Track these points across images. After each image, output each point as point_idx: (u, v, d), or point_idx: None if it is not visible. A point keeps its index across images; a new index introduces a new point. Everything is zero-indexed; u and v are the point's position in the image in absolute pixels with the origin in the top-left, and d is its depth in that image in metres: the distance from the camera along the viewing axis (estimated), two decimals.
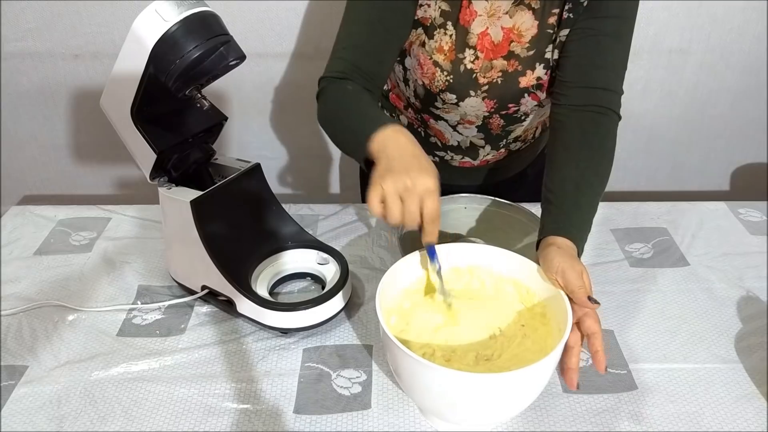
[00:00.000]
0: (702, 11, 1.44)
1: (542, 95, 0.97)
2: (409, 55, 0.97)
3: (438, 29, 0.92)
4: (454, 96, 0.97)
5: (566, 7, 0.88)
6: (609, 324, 0.88)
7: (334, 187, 1.72)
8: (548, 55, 0.93)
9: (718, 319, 0.89)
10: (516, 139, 1.09)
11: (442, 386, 0.62)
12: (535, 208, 0.89)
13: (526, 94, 0.97)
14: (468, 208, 1.00)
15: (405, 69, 1.00)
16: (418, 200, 0.68)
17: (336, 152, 1.64)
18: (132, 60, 0.74)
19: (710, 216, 1.12)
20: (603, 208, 1.14)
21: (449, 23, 0.91)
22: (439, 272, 0.75)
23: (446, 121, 1.04)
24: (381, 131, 0.73)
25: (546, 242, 0.76)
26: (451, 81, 0.95)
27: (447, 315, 0.76)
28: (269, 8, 1.41)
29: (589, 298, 0.69)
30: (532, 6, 0.89)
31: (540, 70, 0.94)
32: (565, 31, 0.90)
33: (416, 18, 0.92)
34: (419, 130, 1.11)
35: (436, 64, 0.94)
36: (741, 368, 0.80)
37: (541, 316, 0.74)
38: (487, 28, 0.91)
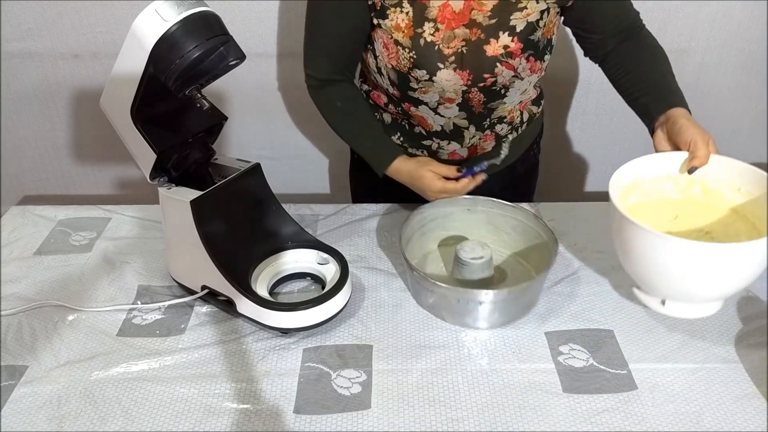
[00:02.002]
0: (701, 11, 1.44)
1: (516, 63, 0.98)
2: (375, 41, 0.99)
3: (391, 9, 0.94)
4: (425, 71, 0.98)
5: None
6: (609, 324, 0.88)
7: (334, 187, 1.72)
8: (514, 23, 0.94)
9: (718, 319, 0.88)
10: (501, 120, 1.09)
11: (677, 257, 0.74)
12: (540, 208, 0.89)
13: (498, 63, 0.97)
14: (471, 210, 1.02)
15: (376, 57, 1.02)
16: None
17: (335, 152, 1.64)
18: (132, 60, 0.74)
19: None
20: (603, 207, 1.13)
21: (405, 1, 0.93)
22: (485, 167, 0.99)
23: (426, 104, 1.04)
24: (389, 168, 1.04)
25: (667, 117, 0.91)
26: (415, 57, 0.96)
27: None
28: (269, 8, 1.41)
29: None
30: None
31: (505, 38, 0.95)
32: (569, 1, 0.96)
33: (369, 3, 0.95)
34: (403, 123, 1.12)
35: (396, 42, 0.96)
36: (741, 368, 0.80)
37: (743, 218, 0.86)
38: None
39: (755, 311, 0.90)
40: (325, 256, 0.94)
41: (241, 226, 0.93)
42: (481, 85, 1.00)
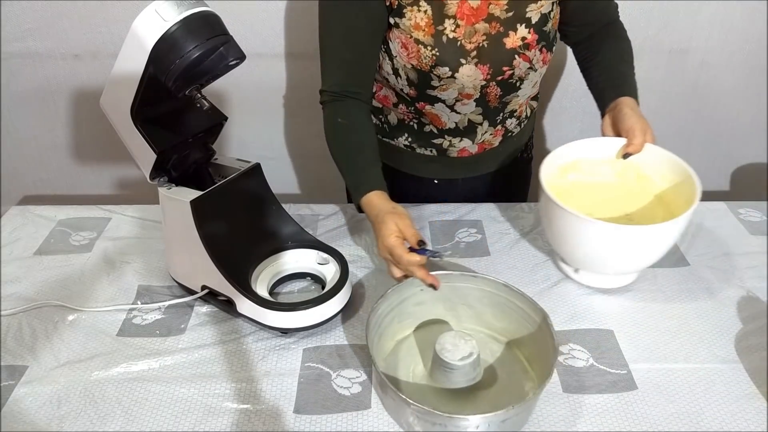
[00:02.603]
0: (702, 11, 1.44)
1: (532, 55, 1.00)
2: (391, 41, 0.99)
3: (407, 8, 0.94)
4: (447, 68, 0.98)
5: None
6: (609, 324, 0.88)
7: (334, 187, 1.72)
8: (529, 15, 0.96)
9: (718, 319, 0.89)
10: (511, 114, 1.10)
11: (593, 238, 0.85)
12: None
13: (516, 56, 0.99)
14: (424, 289, 0.84)
15: (392, 59, 1.01)
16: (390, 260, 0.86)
17: None
18: (132, 60, 0.74)
19: (710, 216, 1.12)
20: None
21: (422, 0, 0.93)
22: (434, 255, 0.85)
23: (443, 101, 1.04)
24: (365, 198, 0.91)
25: (615, 104, 0.97)
26: (438, 54, 0.96)
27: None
28: (269, 8, 1.41)
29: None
30: None
31: (523, 30, 0.97)
32: None
33: (386, 4, 0.94)
34: (412, 123, 1.12)
35: (417, 41, 0.96)
36: (741, 368, 0.80)
37: (664, 204, 0.95)
38: None
39: (755, 311, 0.90)
40: (325, 256, 0.94)
41: (241, 226, 0.93)
42: (500, 78, 1.01)
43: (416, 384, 0.79)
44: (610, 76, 1.03)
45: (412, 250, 0.82)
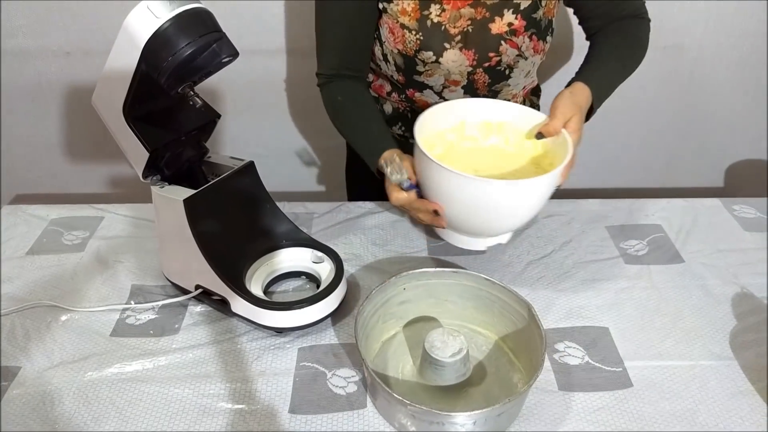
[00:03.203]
0: (696, 7, 1.44)
1: (520, 42, 0.99)
2: (381, 27, 1.00)
3: None
4: (431, 53, 0.98)
5: None
6: (604, 321, 0.88)
7: (329, 185, 1.72)
8: (518, 1, 0.95)
9: (713, 316, 0.89)
10: None
11: (467, 192, 0.79)
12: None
13: (503, 42, 0.99)
14: (407, 288, 0.85)
15: (381, 44, 1.02)
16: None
17: (330, 149, 1.63)
18: (124, 57, 0.73)
19: (705, 212, 1.12)
20: (597, 205, 1.14)
21: None
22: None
23: (431, 88, 1.04)
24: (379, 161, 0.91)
25: (571, 83, 0.92)
26: (422, 38, 0.97)
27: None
28: (262, 5, 1.40)
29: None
30: None
31: (509, 16, 0.97)
32: None
33: None
34: (406, 112, 1.12)
35: (402, 26, 0.97)
36: (736, 365, 0.81)
37: (550, 165, 0.87)
38: None
39: (750, 308, 0.90)
40: (320, 254, 0.94)
41: (235, 224, 0.92)
42: (486, 65, 1.01)
43: (406, 382, 0.79)
44: (586, 64, 0.99)
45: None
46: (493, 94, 1.07)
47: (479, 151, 0.95)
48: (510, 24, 0.97)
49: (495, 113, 0.93)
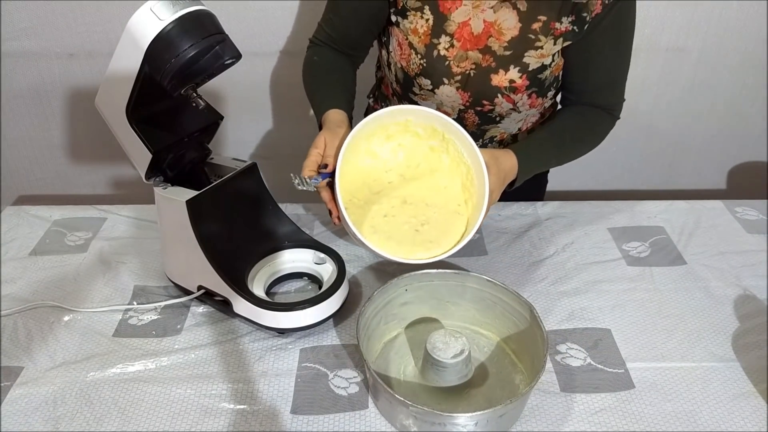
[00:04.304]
0: (698, 10, 1.44)
1: (518, 99, 0.98)
2: (391, 36, 0.99)
3: (412, 11, 0.93)
4: (429, 81, 0.98)
5: (568, 20, 0.90)
6: (606, 323, 0.88)
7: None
8: (527, 60, 0.94)
9: (715, 318, 0.89)
10: (492, 139, 1.10)
11: None
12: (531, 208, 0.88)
13: (499, 95, 0.98)
14: (409, 289, 0.85)
15: (388, 53, 1.02)
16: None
17: None
18: (127, 59, 0.74)
19: (707, 214, 1.12)
20: (600, 207, 1.14)
21: (427, 8, 0.92)
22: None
23: (426, 106, 1.04)
24: (324, 117, 0.91)
25: (507, 147, 0.91)
26: (425, 65, 0.96)
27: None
28: (265, 7, 1.40)
29: None
30: (518, 7, 0.90)
31: (514, 73, 0.95)
32: (567, 42, 0.92)
33: (390, 0, 0.94)
34: None
35: (411, 45, 0.96)
36: (738, 367, 0.81)
37: (468, 201, 0.85)
38: (470, 18, 0.92)
39: (752, 310, 0.90)
40: (322, 255, 0.94)
41: (238, 226, 0.92)
42: (478, 109, 1.01)
43: (408, 383, 0.79)
44: (532, 138, 0.97)
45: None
46: (482, 132, 1.07)
47: (419, 148, 0.88)
48: (512, 81, 0.96)
49: (444, 126, 0.85)
